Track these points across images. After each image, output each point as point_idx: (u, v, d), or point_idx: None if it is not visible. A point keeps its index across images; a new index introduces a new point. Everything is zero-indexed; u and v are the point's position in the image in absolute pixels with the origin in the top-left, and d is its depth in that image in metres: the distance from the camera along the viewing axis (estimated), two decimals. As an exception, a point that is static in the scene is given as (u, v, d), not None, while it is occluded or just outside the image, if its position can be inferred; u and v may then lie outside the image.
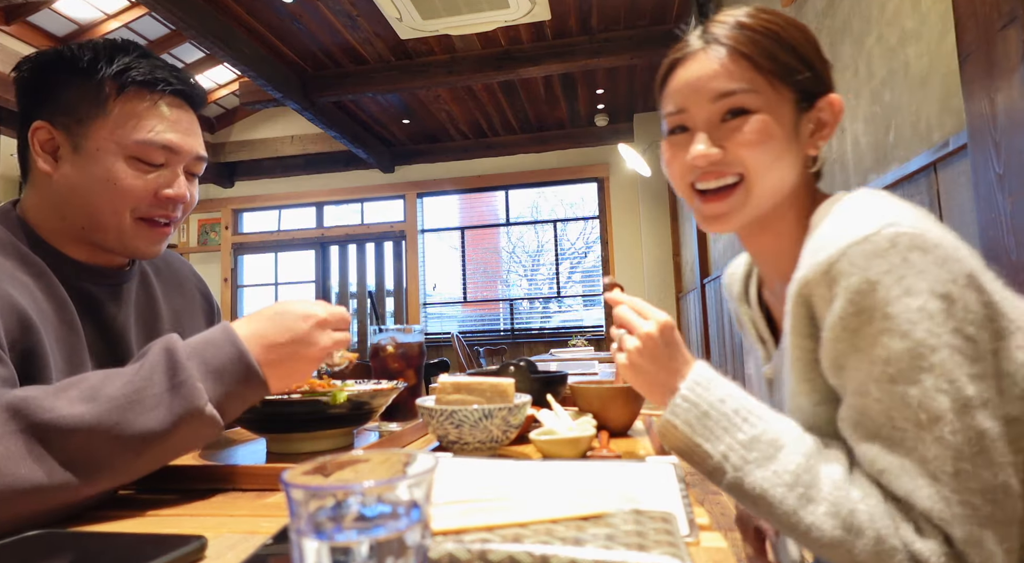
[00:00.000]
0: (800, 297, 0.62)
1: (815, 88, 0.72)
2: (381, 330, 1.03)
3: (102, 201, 0.79)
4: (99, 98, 0.78)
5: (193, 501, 0.63)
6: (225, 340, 0.66)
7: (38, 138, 0.79)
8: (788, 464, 0.58)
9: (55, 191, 0.80)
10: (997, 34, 1.16)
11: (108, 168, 0.78)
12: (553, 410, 0.84)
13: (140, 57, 0.81)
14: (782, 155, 0.70)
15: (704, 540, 0.48)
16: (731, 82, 0.69)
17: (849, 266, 0.57)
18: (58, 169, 0.79)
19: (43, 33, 5.05)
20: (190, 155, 0.84)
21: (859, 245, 0.57)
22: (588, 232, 7.13)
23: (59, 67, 0.79)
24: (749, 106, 0.69)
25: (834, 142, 2.28)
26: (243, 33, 4.47)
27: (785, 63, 0.70)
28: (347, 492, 0.28)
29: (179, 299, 0.99)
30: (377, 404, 0.81)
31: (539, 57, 4.90)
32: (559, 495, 0.54)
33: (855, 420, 0.58)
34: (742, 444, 0.60)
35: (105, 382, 0.60)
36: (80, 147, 0.78)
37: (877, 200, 0.63)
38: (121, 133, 0.78)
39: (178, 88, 0.82)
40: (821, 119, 0.72)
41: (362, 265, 7.29)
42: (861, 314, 0.56)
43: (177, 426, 0.60)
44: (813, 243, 0.62)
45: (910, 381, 0.54)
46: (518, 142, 6.91)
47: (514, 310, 7.00)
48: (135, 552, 0.46)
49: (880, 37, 1.90)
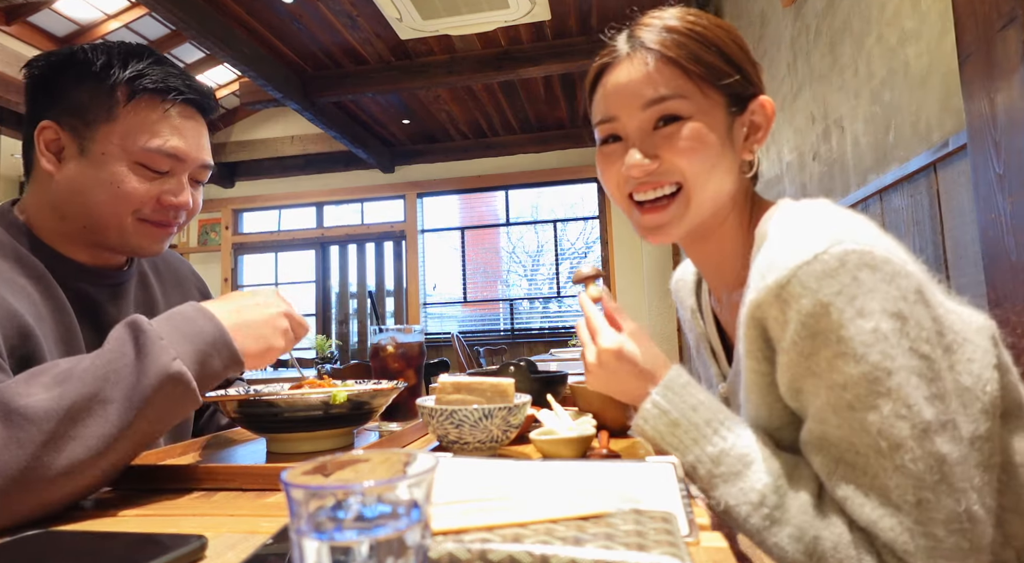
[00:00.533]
0: (753, 320, 0.60)
1: (745, 91, 0.70)
2: (381, 330, 1.03)
3: (104, 203, 0.79)
4: (109, 103, 0.78)
5: (193, 501, 0.63)
6: (193, 309, 0.67)
7: (44, 138, 0.79)
8: (756, 482, 0.57)
9: (57, 191, 0.80)
10: (997, 34, 1.16)
11: (113, 172, 0.78)
12: (553, 410, 0.84)
13: (154, 63, 0.81)
14: (718, 161, 0.68)
15: (704, 540, 0.48)
16: (660, 88, 0.67)
17: (800, 288, 0.55)
18: (61, 170, 0.79)
19: (43, 33, 5.05)
20: (196, 163, 0.84)
21: (809, 265, 0.55)
22: (588, 232, 7.12)
23: (71, 68, 0.79)
24: (680, 112, 0.67)
25: (834, 142, 2.28)
26: (243, 33, 4.47)
27: (713, 66, 0.68)
28: (347, 492, 0.28)
29: (178, 298, 0.99)
30: (377, 404, 0.81)
31: (539, 57, 4.89)
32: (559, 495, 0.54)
33: (816, 445, 0.57)
34: (711, 457, 0.59)
35: (75, 364, 0.60)
36: (86, 150, 0.78)
37: (823, 214, 0.61)
38: (129, 140, 0.78)
39: (189, 97, 0.83)
40: (754, 122, 0.71)
41: (362, 265, 7.28)
42: (815, 338, 0.55)
43: (156, 393, 0.59)
44: (761, 261, 0.60)
45: (868, 407, 0.53)
46: (518, 142, 6.91)
47: (514, 310, 7.00)
48: (135, 552, 0.46)
49: (880, 37, 1.90)
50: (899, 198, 1.80)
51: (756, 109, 0.70)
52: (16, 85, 4.65)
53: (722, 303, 0.78)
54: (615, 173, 0.72)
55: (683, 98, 0.67)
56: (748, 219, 0.72)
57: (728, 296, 0.76)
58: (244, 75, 4.68)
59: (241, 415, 0.76)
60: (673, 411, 0.62)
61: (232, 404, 0.75)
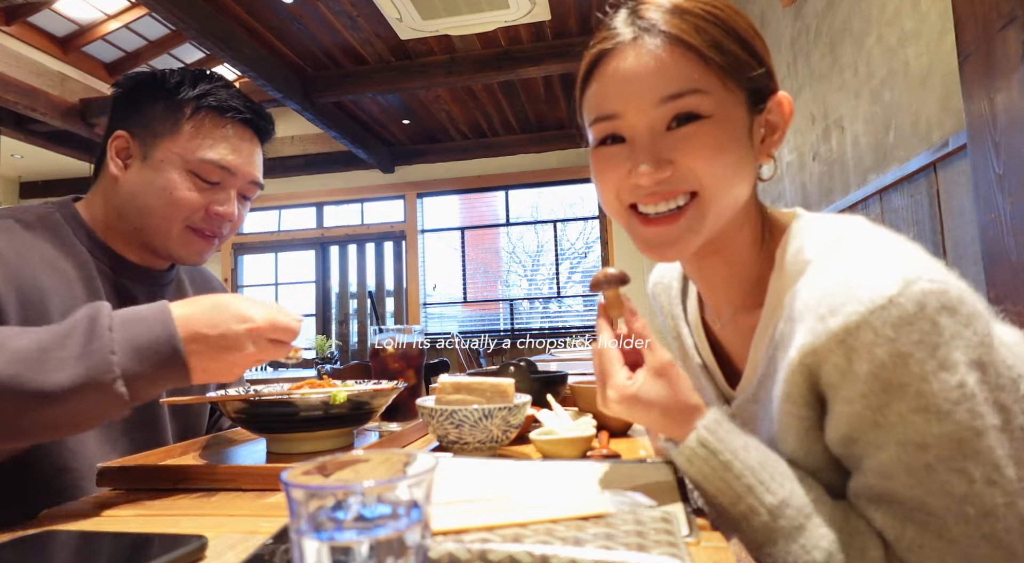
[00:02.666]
0: (803, 367, 0.53)
1: (767, 86, 0.62)
2: (381, 330, 1.03)
3: (157, 207, 0.86)
4: (176, 117, 0.87)
5: (193, 501, 0.63)
6: (156, 318, 0.62)
7: (116, 146, 0.88)
8: (819, 539, 0.51)
9: (118, 193, 0.88)
10: (997, 34, 1.16)
11: (168, 179, 0.86)
12: (553, 410, 0.84)
13: (221, 87, 0.91)
14: (740, 167, 0.59)
15: (704, 540, 0.47)
16: (677, 82, 0.57)
17: (873, 336, 0.48)
18: (125, 174, 0.88)
19: (43, 33, 5.05)
20: (246, 179, 0.92)
21: (884, 311, 0.48)
22: (588, 232, 7.13)
23: (150, 86, 0.89)
24: (700, 110, 0.57)
25: (834, 142, 2.28)
26: (243, 33, 4.47)
27: (736, 56, 0.58)
28: (347, 492, 0.28)
29: None
30: (377, 404, 0.81)
31: (539, 57, 4.89)
32: (559, 495, 0.54)
33: (877, 499, 0.52)
34: (770, 509, 0.52)
35: (18, 336, 0.57)
36: (149, 157, 0.87)
37: (876, 241, 0.55)
38: (186, 150, 0.87)
39: (247, 117, 0.91)
40: (771, 122, 0.62)
41: (362, 265, 7.28)
42: (889, 391, 0.49)
43: (75, 393, 0.56)
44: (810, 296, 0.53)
45: (952, 470, 0.48)
46: (518, 142, 6.91)
47: (514, 310, 7.00)
48: (135, 552, 0.46)
49: (880, 37, 1.90)
50: (899, 198, 1.80)
51: (773, 107, 0.62)
52: (16, 85, 4.65)
53: (723, 320, 0.70)
54: (615, 180, 0.61)
55: (703, 93, 0.57)
56: (759, 231, 0.65)
57: (734, 316, 0.68)
58: (244, 75, 4.67)
59: (241, 415, 0.76)
60: (724, 451, 0.53)
61: (232, 404, 0.75)
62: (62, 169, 7.18)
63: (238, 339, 0.64)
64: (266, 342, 0.66)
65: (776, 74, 0.64)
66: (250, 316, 0.65)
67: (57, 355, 0.56)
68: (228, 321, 0.64)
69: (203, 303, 0.65)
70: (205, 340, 0.63)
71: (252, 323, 0.65)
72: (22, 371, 0.55)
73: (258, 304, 0.67)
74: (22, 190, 7.70)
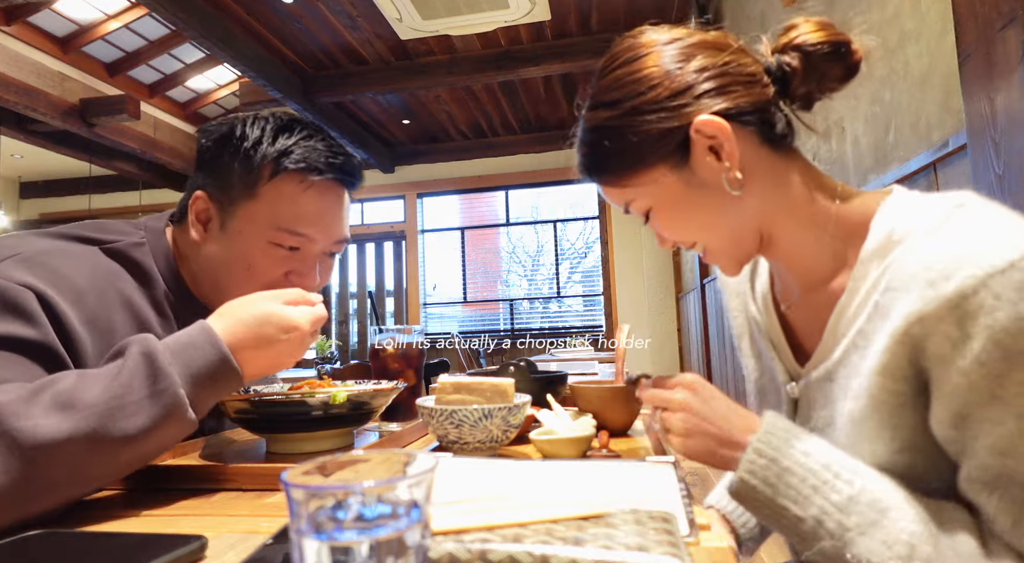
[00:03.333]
0: (907, 336, 0.52)
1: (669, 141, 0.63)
2: (381, 330, 1.03)
3: (233, 281, 0.82)
4: (252, 179, 0.80)
5: (193, 501, 0.63)
6: (206, 342, 0.64)
7: (196, 208, 0.83)
8: (900, 532, 0.49)
9: (199, 257, 0.84)
10: (997, 34, 1.16)
11: (245, 252, 0.81)
12: (553, 410, 0.84)
13: (304, 139, 0.82)
14: (708, 209, 0.65)
15: (704, 540, 0.47)
16: (619, 201, 0.70)
17: (993, 301, 0.47)
18: (206, 241, 0.83)
19: (43, 33, 5.05)
20: (331, 240, 0.86)
21: (1004, 274, 0.47)
22: (588, 232, 7.12)
23: (230, 143, 0.81)
24: (644, 208, 0.68)
25: (834, 142, 2.28)
26: (243, 33, 4.47)
27: (624, 163, 0.65)
28: (347, 492, 0.28)
29: None
30: (377, 404, 0.80)
31: (539, 57, 4.90)
32: (559, 495, 0.54)
33: (992, 483, 0.50)
34: (837, 506, 0.50)
35: (80, 386, 0.58)
36: (226, 227, 0.82)
37: (989, 213, 0.53)
38: (265, 217, 0.80)
39: (331, 175, 0.83)
40: (711, 146, 0.62)
41: (362, 265, 7.28)
42: (1009, 359, 0.47)
43: (155, 431, 0.59)
44: (915, 264, 0.52)
45: None
46: (518, 142, 6.91)
47: (514, 310, 7.00)
48: (135, 552, 0.46)
49: (880, 37, 1.90)
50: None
51: (698, 139, 0.62)
52: (16, 85, 4.65)
53: (792, 300, 0.72)
54: None
55: (634, 199, 0.68)
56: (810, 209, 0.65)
57: (805, 294, 0.70)
58: (244, 75, 4.68)
59: (241, 415, 0.76)
60: (783, 458, 0.53)
61: (232, 404, 0.75)
62: (62, 169, 7.17)
63: (288, 347, 0.68)
64: (309, 337, 0.71)
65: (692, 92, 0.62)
66: (294, 324, 0.68)
67: (130, 400, 0.58)
68: (275, 334, 0.67)
69: (244, 319, 0.67)
70: (255, 356, 0.67)
71: (298, 331, 0.68)
72: (105, 423, 0.57)
73: (293, 310, 0.69)
74: (22, 190, 7.70)
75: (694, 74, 0.62)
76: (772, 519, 0.54)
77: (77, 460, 0.55)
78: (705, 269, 4.75)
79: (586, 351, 4.37)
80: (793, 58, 0.62)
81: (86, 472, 0.57)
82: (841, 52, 0.61)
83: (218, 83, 6.48)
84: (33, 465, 0.54)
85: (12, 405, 0.55)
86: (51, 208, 7.61)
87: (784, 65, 0.63)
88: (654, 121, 0.62)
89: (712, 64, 0.62)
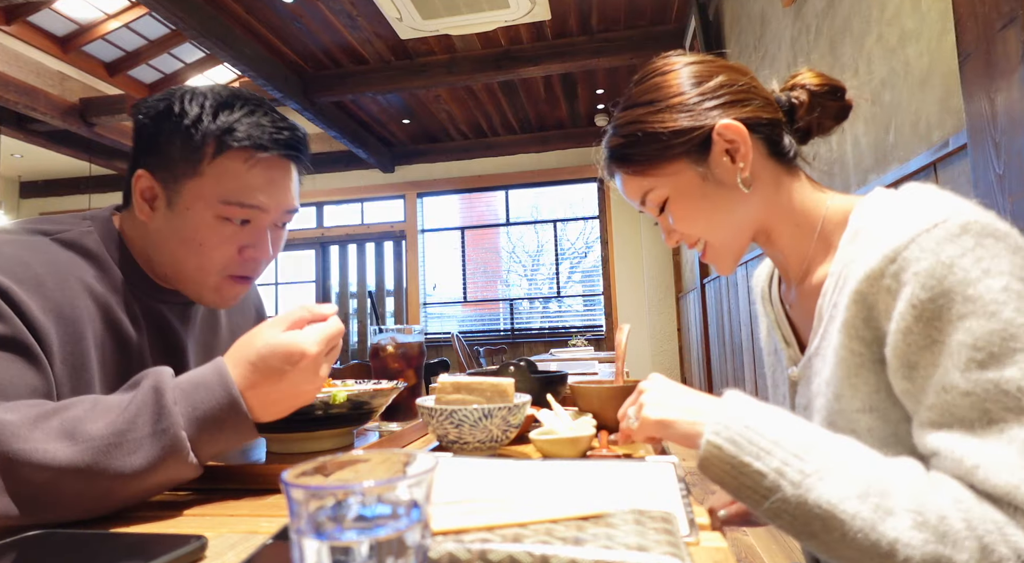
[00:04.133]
0: (859, 294, 0.59)
1: (693, 140, 0.71)
2: (381, 330, 1.03)
3: (187, 258, 0.80)
4: (196, 158, 0.78)
5: (193, 501, 0.63)
6: (217, 383, 0.61)
7: (140, 186, 0.80)
8: (854, 472, 0.51)
9: (148, 236, 0.82)
10: (997, 34, 1.16)
11: (196, 227, 0.79)
12: (553, 410, 0.84)
13: (246, 114, 0.79)
14: (719, 205, 0.73)
15: (704, 540, 0.47)
16: (634, 194, 0.77)
17: (919, 252, 0.54)
18: (153, 219, 0.81)
19: (43, 33, 5.05)
20: (280, 210, 0.84)
21: (928, 232, 0.54)
22: (588, 232, 7.13)
23: (168, 120, 0.79)
24: (660, 199, 0.75)
25: (834, 142, 2.28)
26: (243, 33, 4.47)
27: (649, 154, 0.73)
28: (347, 492, 0.28)
29: (239, 316, 1.03)
30: (377, 404, 0.80)
31: (539, 57, 4.90)
32: (559, 495, 0.54)
33: (936, 421, 0.53)
34: (796, 454, 0.52)
35: (90, 416, 0.58)
36: (173, 203, 0.79)
37: (932, 193, 0.60)
38: (212, 195, 0.78)
39: (277, 152, 0.80)
40: (728, 149, 0.72)
41: (362, 265, 7.29)
42: (938, 299, 0.52)
43: (151, 471, 0.58)
44: (869, 234, 0.61)
45: (1004, 364, 0.49)
46: (518, 142, 6.91)
47: (514, 310, 7.00)
48: (135, 552, 0.46)
49: (880, 37, 1.90)
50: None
51: (717, 140, 0.71)
52: (16, 85, 4.65)
53: (795, 296, 0.80)
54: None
55: (651, 189, 0.75)
56: (809, 212, 0.73)
57: (800, 287, 0.78)
58: (244, 75, 4.68)
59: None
60: (747, 417, 0.55)
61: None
62: (62, 169, 7.18)
63: (298, 378, 0.63)
64: (323, 361, 0.65)
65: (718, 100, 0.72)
66: (299, 351, 0.62)
67: (131, 437, 0.57)
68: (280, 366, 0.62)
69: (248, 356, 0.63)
70: (266, 395, 0.63)
71: (304, 357, 0.62)
72: (100, 459, 0.56)
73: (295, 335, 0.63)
74: (22, 190, 7.70)
75: (719, 86, 0.72)
76: (734, 481, 0.55)
77: (70, 491, 0.55)
78: (705, 269, 4.75)
79: (586, 351, 4.37)
80: (800, 93, 0.75)
81: (78, 503, 0.56)
82: (837, 94, 0.76)
83: (218, 83, 6.48)
84: (27, 489, 0.54)
85: (18, 427, 0.55)
86: (51, 207, 7.62)
87: (792, 98, 0.75)
88: (683, 120, 0.71)
89: (734, 81, 0.73)
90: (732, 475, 0.55)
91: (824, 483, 0.50)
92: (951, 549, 0.46)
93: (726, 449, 0.55)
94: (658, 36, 4.73)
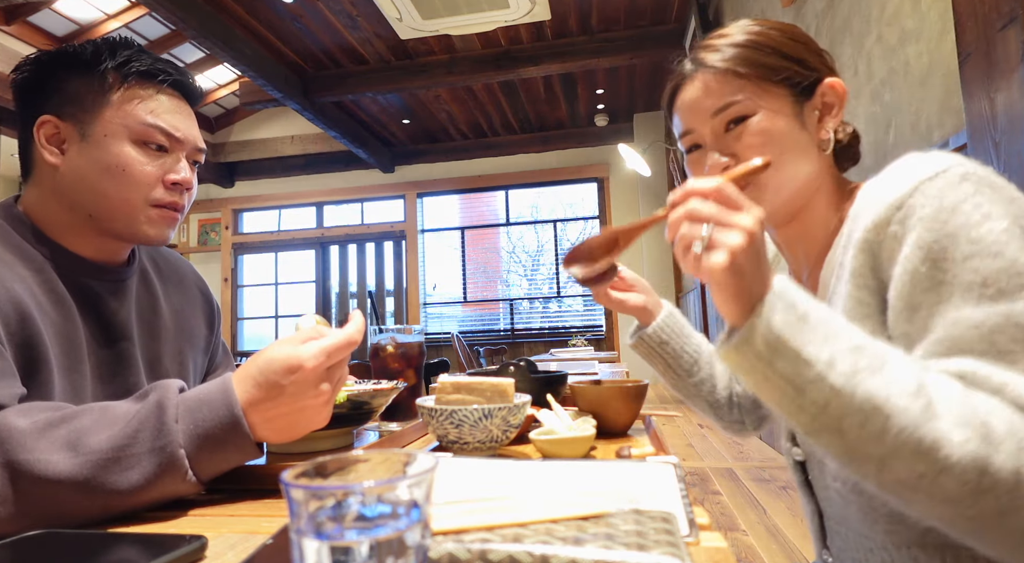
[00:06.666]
0: (865, 243, 0.61)
1: (807, 78, 0.74)
2: (381, 330, 1.03)
3: (112, 187, 0.80)
4: (103, 88, 0.80)
5: (193, 501, 0.63)
6: (221, 401, 0.61)
7: (44, 132, 0.80)
8: (904, 372, 0.50)
9: (62, 182, 0.81)
10: (997, 34, 1.16)
11: (116, 153, 0.80)
12: (553, 410, 0.84)
13: (140, 52, 0.84)
14: (791, 145, 0.72)
15: (704, 540, 0.47)
16: (721, 98, 0.74)
17: (923, 198, 0.56)
18: (65, 160, 0.80)
19: (43, 33, 5.05)
20: (191, 144, 0.86)
21: (931, 180, 0.57)
22: (588, 232, 7.13)
23: (62, 64, 0.81)
24: (744, 112, 0.73)
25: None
26: (243, 33, 4.47)
27: (768, 65, 0.73)
28: (347, 492, 0.28)
29: (179, 297, 0.99)
30: (377, 404, 0.80)
31: (539, 57, 4.90)
32: (559, 495, 0.54)
33: (945, 354, 0.53)
34: (850, 350, 0.50)
35: (96, 427, 0.58)
36: (87, 134, 0.80)
37: (933, 152, 0.63)
38: (126, 116, 0.80)
39: (176, 79, 0.85)
40: (826, 103, 0.75)
41: (362, 265, 7.29)
42: (942, 240, 0.54)
43: (149, 487, 0.58)
44: (873, 191, 0.63)
45: (1014, 298, 0.51)
46: (518, 142, 6.91)
47: (514, 310, 7.00)
48: (135, 552, 0.46)
49: (880, 37, 1.90)
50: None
51: (826, 91, 0.74)
52: (16, 85, 4.65)
53: (800, 281, 0.80)
54: (699, 175, 0.77)
55: (743, 100, 0.73)
56: (835, 200, 0.76)
57: (807, 274, 0.79)
58: (244, 75, 4.68)
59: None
60: (801, 304, 0.52)
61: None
62: (62, 169, 7.18)
63: (296, 389, 0.61)
64: (328, 372, 0.63)
65: (832, 66, 0.77)
66: (296, 362, 0.61)
67: (130, 452, 0.57)
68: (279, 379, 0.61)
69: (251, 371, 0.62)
70: (267, 410, 0.61)
71: (301, 370, 0.61)
72: (98, 474, 0.56)
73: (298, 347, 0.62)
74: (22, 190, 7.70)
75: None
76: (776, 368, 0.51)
77: (68, 502, 0.56)
78: (705, 269, 4.74)
79: (586, 351, 4.37)
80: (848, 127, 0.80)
81: (75, 514, 0.56)
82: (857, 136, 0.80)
83: (218, 83, 6.48)
84: (26, 498, 0.55)
85: (25, 436, 0.56)
86: (51, 208, 7.62)
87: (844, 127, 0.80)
88: (811, 58, 0.75)
89: None
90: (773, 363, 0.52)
91: (875, 377, 0.49)
92: (992, 449, 0.47)
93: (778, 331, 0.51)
94: (658, 36, 4.74)
